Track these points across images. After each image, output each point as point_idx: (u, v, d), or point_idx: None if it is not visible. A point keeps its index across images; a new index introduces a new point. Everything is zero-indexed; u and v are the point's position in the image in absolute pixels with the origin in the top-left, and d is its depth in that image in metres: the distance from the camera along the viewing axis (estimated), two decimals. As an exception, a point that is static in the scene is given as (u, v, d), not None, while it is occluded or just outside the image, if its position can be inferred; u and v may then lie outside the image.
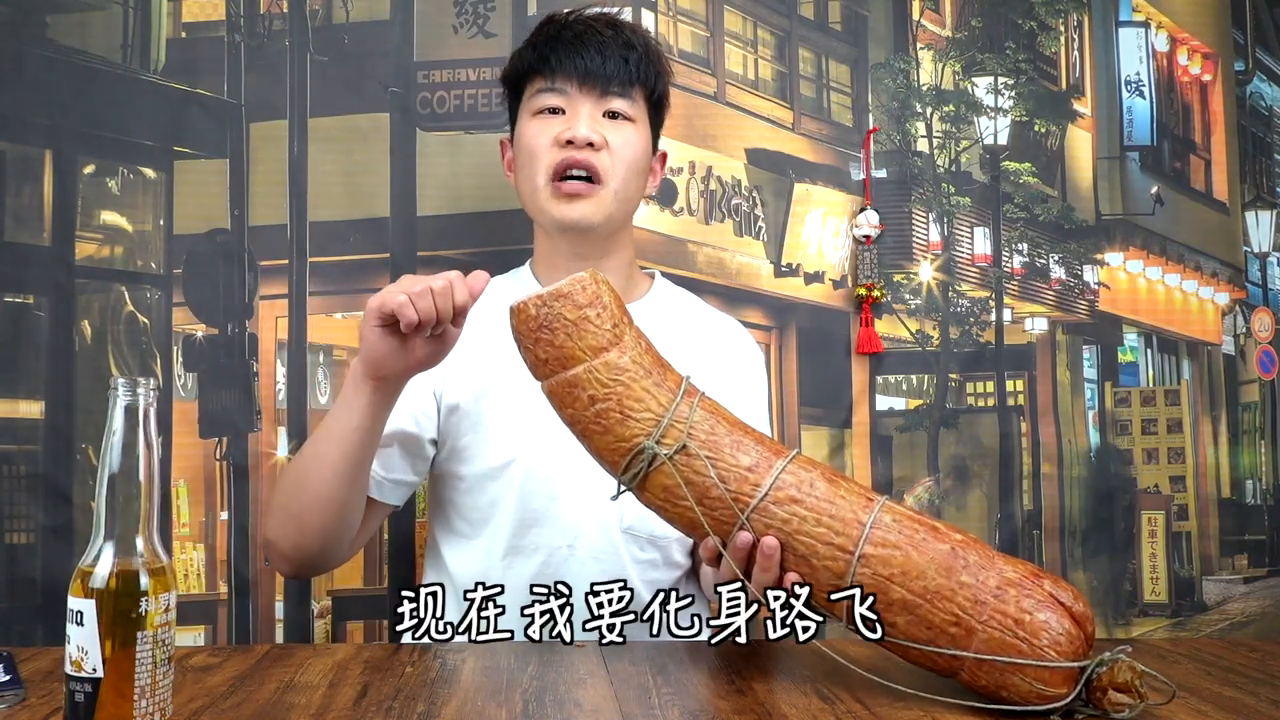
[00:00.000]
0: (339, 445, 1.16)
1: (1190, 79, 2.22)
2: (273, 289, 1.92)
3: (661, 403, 0.96)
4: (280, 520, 1.21)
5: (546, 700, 0.92)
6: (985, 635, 0.89)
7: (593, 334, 0.96)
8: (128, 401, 0.77)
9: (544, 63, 1.29)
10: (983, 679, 0.89)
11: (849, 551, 0.91)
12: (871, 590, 0.91)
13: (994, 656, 0.88)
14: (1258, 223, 2.20)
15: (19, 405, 1.85)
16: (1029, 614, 0.88)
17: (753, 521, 0.93)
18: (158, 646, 0.76)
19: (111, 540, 0.76)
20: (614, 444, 0.96)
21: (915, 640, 0.91)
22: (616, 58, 1.27)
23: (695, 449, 0.94)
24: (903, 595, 0.90)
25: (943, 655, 0.90)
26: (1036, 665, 0.87)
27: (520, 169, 1.31)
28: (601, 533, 1.28)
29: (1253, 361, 2.16)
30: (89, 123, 1.89)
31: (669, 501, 0.96)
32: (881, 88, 2.09)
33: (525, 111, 1.32)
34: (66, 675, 0.75)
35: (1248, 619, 2.09)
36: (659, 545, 1.30)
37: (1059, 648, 0.87)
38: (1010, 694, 0.89)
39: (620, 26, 1.31)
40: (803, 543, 0.93)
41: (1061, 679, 0.88)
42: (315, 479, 1.17)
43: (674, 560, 1.32)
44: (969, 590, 0.90)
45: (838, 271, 2.05)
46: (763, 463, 0.95)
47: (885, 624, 0.91)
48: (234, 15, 1.94)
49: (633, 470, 0.96)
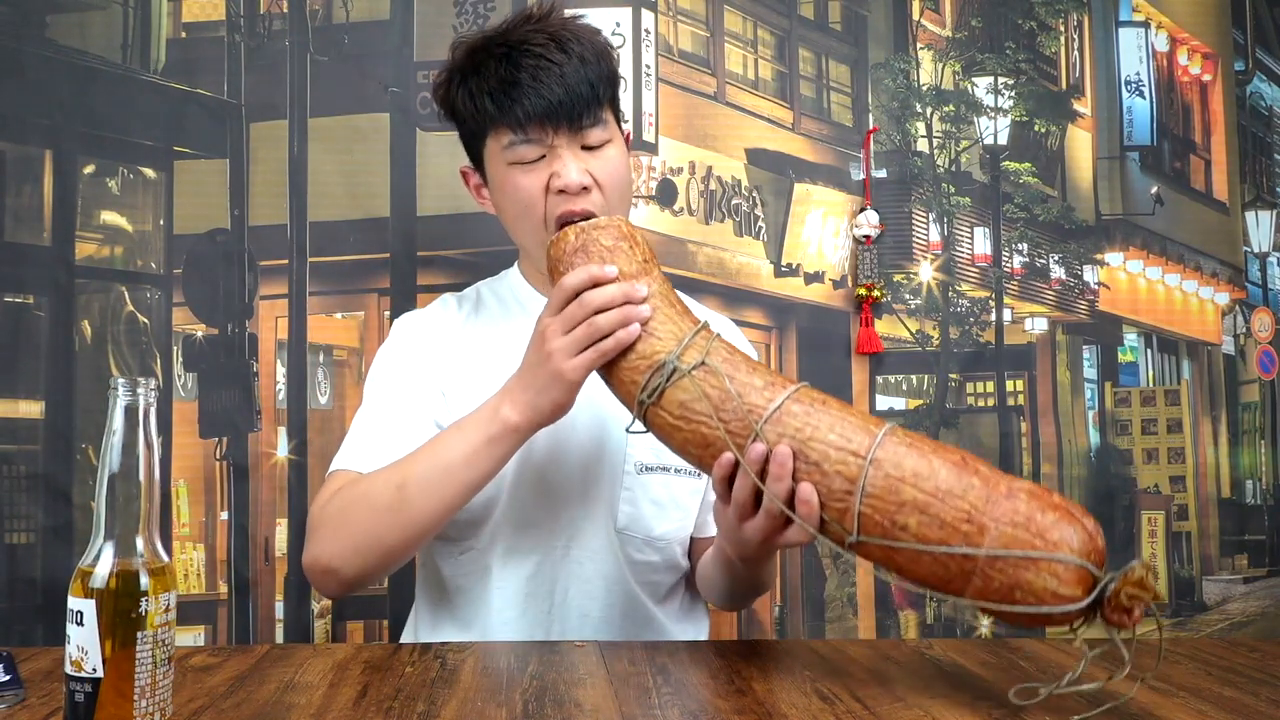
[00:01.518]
0: (468, 490, 1.12)
1: (1190, 79, 2.22)
2: (273, 289, 1.92)
3: (683, 328, 1.02)
4: (354, 548, 1.14)
5: (546, 700, 0.92)
6: (997, 532, 0.88)
7: (624, 260, 1.05)
8: (128, 401, 0.77)
9: (508, 114, 1.19)
10: (996, 581, 0.88)
11: (861, 455, 0.92)
12: (883, 493, 0.91)
13: (1008, 551, 0.87)
14: (1258, 223, 2.20)
15: (19, 405, 1.85)
16: (1040, 513, 0.88)
17: (766, 432, 0.95)
18: (158, 646, 0.76)
19: (111, 540, 0.76)
20: (635, 361, 1.01)
21: (927, 542, 0.90)
22: (580, 85, 1.19)
23: (714, 365, 0.98)
24: (914, 495, 0.90)
25: (956, 558, 0.89)
26: (1050, 559, 0.86)
27: (514, 219, 1.25)
28: (596, 534, 1.27)
29: (1253, 361, 2.16)
30: (89, 123, 1.90)
31: (684, 418, 0.99)
32: (881, 88, 2.09)
33: (498, 161, 1.23)
34: (66, 675, 0.75)
35: (1248, 619, 2.09)
36: (656, 546, 1.29)
37: (1071, 546, 0.87)
38: (1024, 594, 0.87)
39: (567, 43, 1.21)
40: (815, 449, 0.94)
41: (1074, 578, 0.87)
42: (425, 516, 1.12)
43: (673, 562, 1.32)
44: (980, 490, 0.90)
45: (838, 271, 2.05)
46: (777, 384, 0.98)
47: (897, 529, 0.91)
48: (234, 15, 1.94)
49: (652, 386, 1.00)
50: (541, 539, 1.27)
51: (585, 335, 1.03)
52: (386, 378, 1.30)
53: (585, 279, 1.03)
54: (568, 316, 1.04)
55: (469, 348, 1.31)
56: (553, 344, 1.05)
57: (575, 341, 1.03)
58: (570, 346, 1.04)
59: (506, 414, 1.10)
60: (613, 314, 1.02)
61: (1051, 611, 0.87)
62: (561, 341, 1.04)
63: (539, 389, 1.07)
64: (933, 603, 2.03)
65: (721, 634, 1.91)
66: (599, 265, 1.04)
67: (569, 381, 1.05)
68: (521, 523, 1.26)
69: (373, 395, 1.30)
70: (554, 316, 1.05)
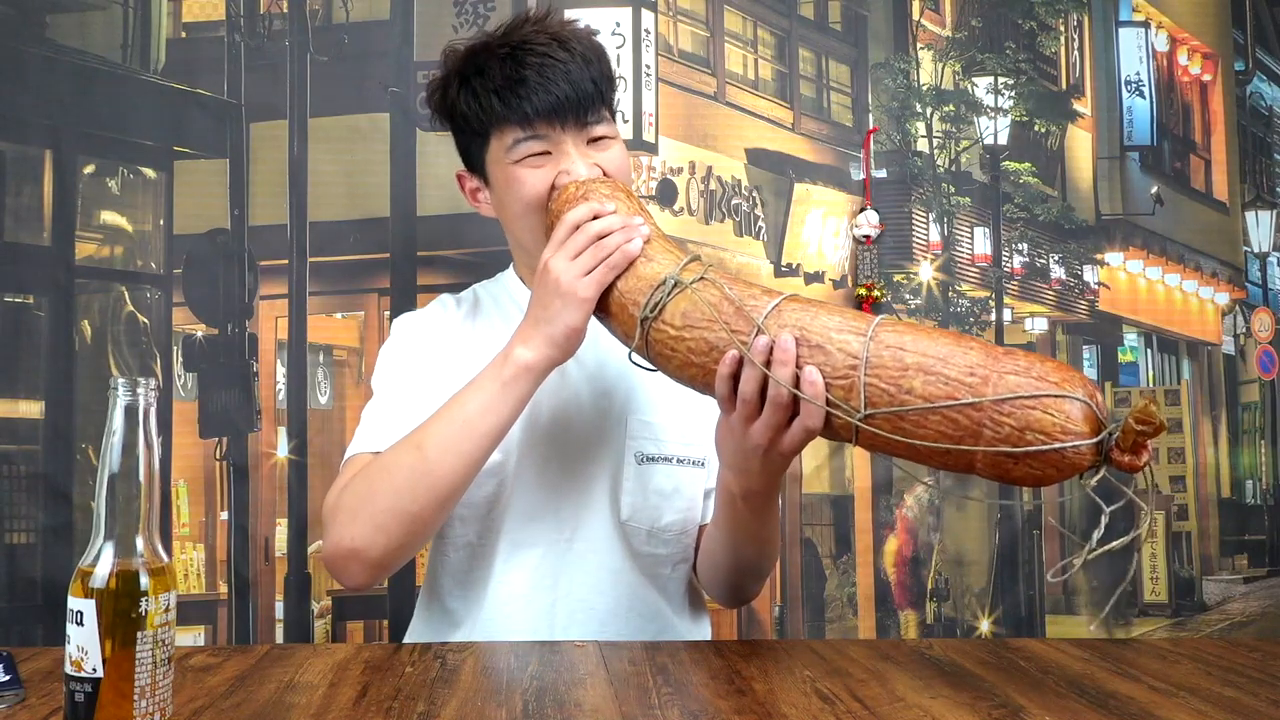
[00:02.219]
0: (489, 439, 1.11)
1: (1190, 79, 2.22)
2: (273, 289, 1.92)
3: (680, 256, 1.08)
4: (380, 524, 1.10)
5: (546, 700, 0.92)
6: (1001, 381, 0.89)
7: (623, 207, 1.11)
8: (128, 401, 0.77)
9: (516, 111, 1.20)
10: (1006, 426, 0.88)
11: (863, 333, 0.95)
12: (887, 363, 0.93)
13: (1015, 395, 0.88)
14: (1258, 223, 2.20)
15: (19, 405, 1.85)
16: (1041, 362, 0.91)
17: (768, 325, 0.99)
18: (158, 646, 0.76)
19: (111, 540, 0.76)
20: (636, 284, 1.06)
21: (934, 399, 0.91)
22: (585, 82, 1.20)
23: (714, 278, 1.02)
24: (917, 359, 0.92)
25: (965, 412, 0.89)
26: (1058, 395, 0.87)
27: (521, 217, 1.25)
28: (600, 526, 1.27)
29: (1253, 361, 2.16)
30: (89, 123, 1.90)
31: (687, 327, 1.02)
32: (881, 88, 2.09)
33: (503, 160, 1.22)
34: (66, 675, 0.75)
35: (1248, 619, 2.09)
36: (662, 539, 1.29)
37: (1073, 384, 0.88)
38: (1035, 434, 0.88)
39: (568, 41, 1.23)
40: (817, 333, 0.97)
41: (1082, 416, 0.88)
42: (449, 475, 1.10)
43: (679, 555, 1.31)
44: (980, 352, 0.92)
45: (838, 271, 2.05)
46: (771, 291, 1.03)
47: (904, 393, 0.92)
48: (234, 15, 1.94)
49: (654, 300, 1.03)
50: (544, 532, 1.27)
51: (593, 256, 1.07)
52: (394, 369, 1.31)
53: (586, 212, 1.09)
54: (572, 245, 1.08)
55: (468, 348, 1.31)
56: (559, 270, 1.08)
57: (584, 263, 1.07)
58: (579, 268, 1.07)
59: (519, 353, 1.11)
60: (616, 234, 1.07)
61: (1064, 448, 0.88)
62: (568, 265, 1.08)
63: (550, 319, 1.09)
64: (933, 601, 2.03)
65: (721, 634, 1.91)
66: (599, 202, 1.11)
67: (581, 299, 1.07)
68: (524, 516, 1.26)
69: (381, 386, 1.30)
70: (557, 250, 1.09)
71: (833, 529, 2.01)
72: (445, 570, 1.30)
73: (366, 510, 1.12)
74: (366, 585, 1.16)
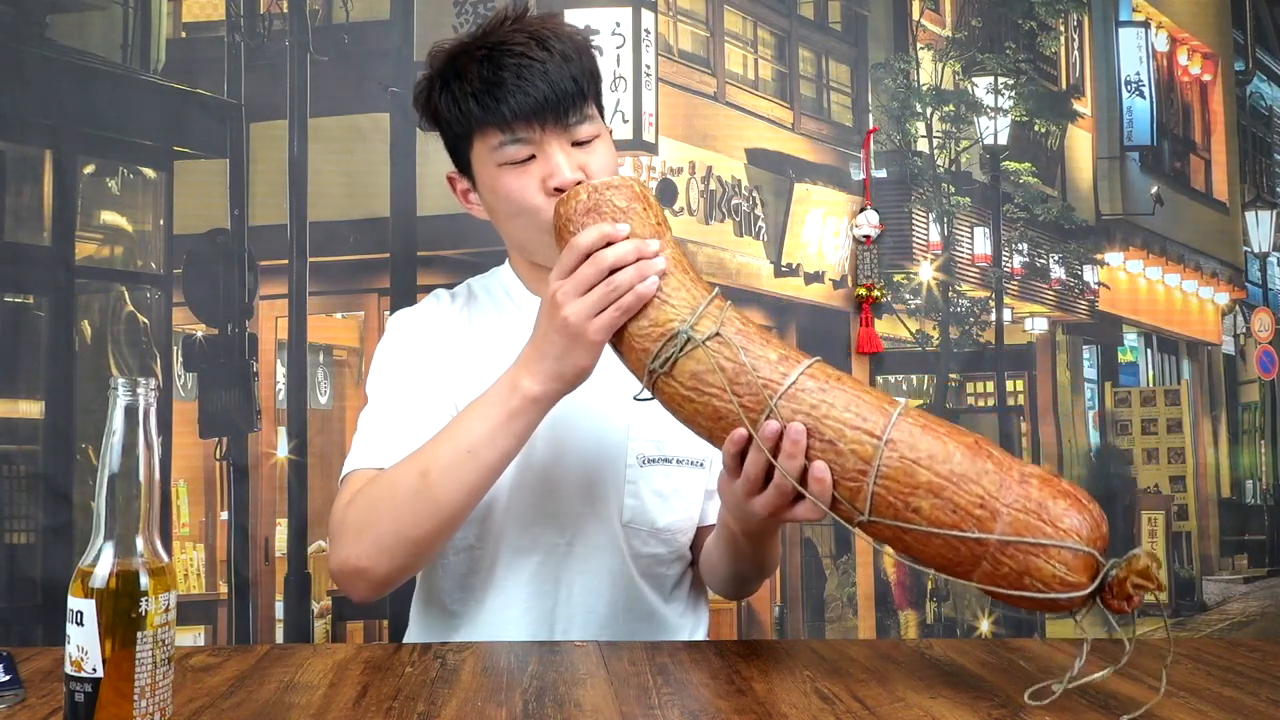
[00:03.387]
0: (493, 470, 1.10)
1: (1190, 79, 2.22)
2: (273, 289, 1.92)
3: (696, 296, 0.99)
4: (382, 545, 1.11)
5: (546, 700, 0.92)
6: (1010, 518, 0.88)
7: (638, 223, 1.01)
8: (128, 401, 0.77)
9: (495, 115, 1.18)
10: (1005, 566, 0.88)
11: (877, 435, 0.91)
12: (897, 475, 0.90)
13: (1020, 538, 0.87)
14: (1258, 223, 2.20)
15: (19, 405, 1.85)
16: (1052, 500, 0.88)
17: (780, 408, 0.94)
18: (158, 646, 0.76)
19: (111, 540, 0.76)
20: (648, 328, 0.98)
21: (940, 525, 0.89)
22: (564, 81, 1.18)
23: (729, 336, 0.96)
24: (929, 478, 0.90)
25: (966, 542, 0.89)
26: (1061, 546, 0.86)
27: (508, 219, 1.25)
28: (600, 529, 1.27)
29: (1253, 361, 2.16)
30: (89, 123, 1.90)
31: (696, 389, 0.97)
32: (881, 88, 2.09)
33: (487, 163, 1.22)
34: (66, 675, 0.75)
35: (1248, 619, 2.09)
36: (662, 538, 1.29)
37: (1080, 534, 0.87)
38: (1032, 580, 0.88)
39: (547, 40, 1.20)
40: (831, 427, 0.93)
41: (1081, 565, 0.87)
42: (452, 503, 1.10)
43: (679, 553, 1.31)
44: (993, 475, 0.89)
45: (838, 271, 2.05)
46: (791, 357, 0.96)
47: (910, 511, 0.90)
48: (234, 15, 1.94)
49: (665, 355, 0.97)
50: (544, 536, 1.27)
51: (604, 295, 0.98)
52: (391, 373, 1.30)
53: (597, 238, 0.99)
54: (581, 278, 0.99)
55: (466, 339, 1.31)
56: (569, 307, 1.00)
57: (594, 303, 0.99)
58: (589, 308, 0.99)
59: (526, 386, 1.06)
60: (629, 270, 0.98)
61: (1058, 598, 0.87)
62: (578, 304, 1.00)
63: (558, 355, 1.04)
64: (933, 601, 2.03)
65: (721, 634, 1.91)
66: (610, 224, 1.00)
67: (591, 343, 1.01)
68: (524, 520, 1.26)
69: (379, 391, 1.29)
70: (565, 278, 1.01)
71: (833, 529, 2.01)
72: (444, 573, 1.30)
73: (371, 532, 1.12)
74: (371, 600, 1.17)
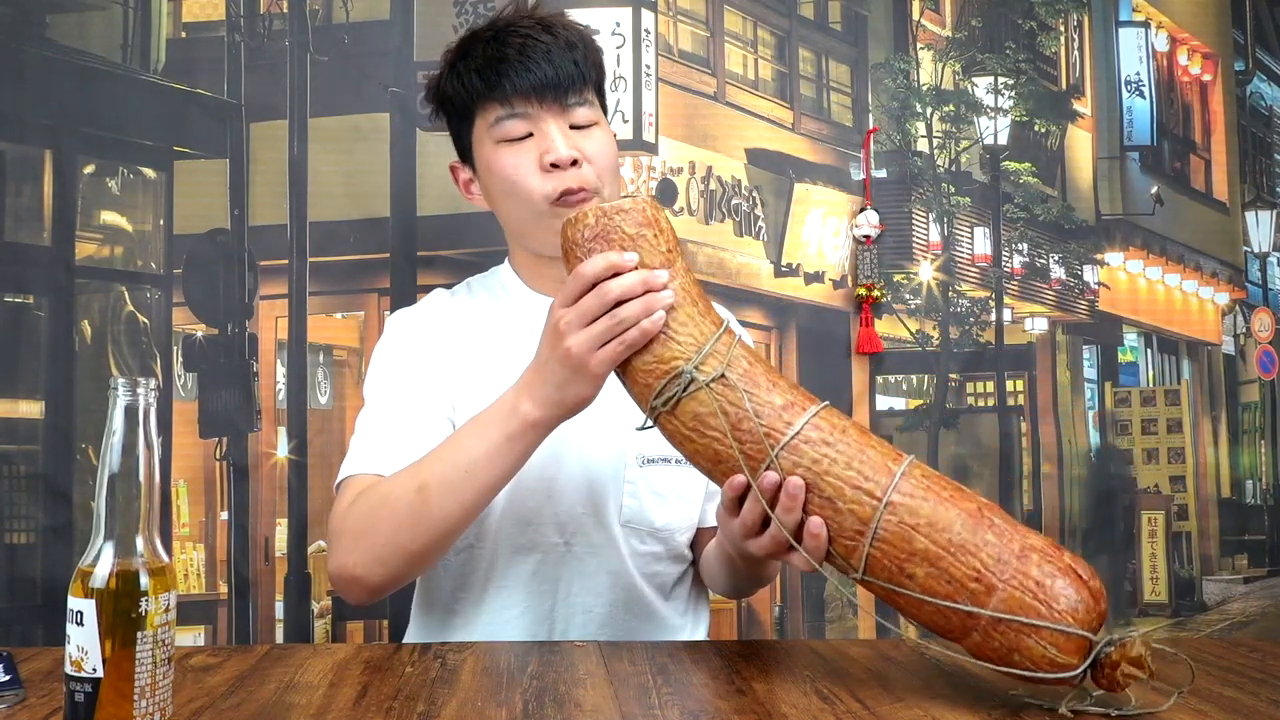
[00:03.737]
0: (491, 489, 1.10)
1: (1190, 79, 2.22)
2: (273, 289, 1.92)
3: (704, 331, 0.96)
4: (378, 556, 1.12)
5: (546, 700, 0.92)
6: (1005, 594, 0.87)
7: (647, 251, 0.97)
8: (128, 401, 0.77)
9: (496, 89, 1.21)
10: (995, 640, 0.88)
11: (876, 497, 0.90)
12: (895, 540, 0.89)
13: (1013, 616, 0.87)
14: (1258, 223, 2.20)
15: (19, 405, 1.85)
16: (1050, 578, 0.87)
17: (781, 460, 0.92)
18: (158, 646, 0.76)
19: (111, 540, 0.76)
20: (652, 364, 0.96)
21: (933, 595, 0.89)
22: (566, 63, 1.21)
23: (733, 380, 0.93)
24: (926, 546, 0.89)
25: (958, 612, 0.88)
26: (1054, 629, 0.86)
27: (504, 198, 1.26)
28: (599, 529, 1.27)
29: (1253, 361, 2.17)
30: (89, 123, 1.90)
31: (697, 430, 0.95)
32: (881, 88, 2.09)
33: (486, 140, 1.25)
34: (66, 675, 0.75)
35: (1248, 619, 2.09)
36: (660, 538, 1.29)
37: (1076, 615, 0.86)
38: (1022, 658, 0.87)
39: (553, 26, 1.25)
40: (830, 484, 0.91)
41: (1074, 648, 0.86)
42: (449, 519, 1.10)
43: (678, 553, 1.31)
44: (993, 548, 0.88)
45: (838, 271, 2.05)
46: (796, 404, 0.94)
47: (904, 576, 0.89)
48: (234, 15, 1.94)
49: (667, 394, 0.95)
50: (543, 535, 1.27)
51: (608, 328, 0.96)
52: (389, 376, 1.30)
53: (604, 267, 0.96)
54: (585, 309, 0.97)
55: (466, 333, 1.31)
56: (572, 339, 0.98)
57: (597, 336, 0.97)
58: (592, 341, 0.97)
59: (526, 410, 1.05)
60: (635, 304, 0.95)
61: (1045, 677, 0.87)
62: (581, 336, 0.97)
63: (559, 384, 1.02)
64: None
65: (721, 634, 1.91)
66: (618, 253, 0.96)
67: (593, 376, 1.00)
68: (522, 520, 1.26)
69: (376, 395, 1.29)
70: (569, 307, 0.98)
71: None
72: (444, 573, 1.30)
73: (367, 541, 1.12)
74: (368, 604, 1.18)
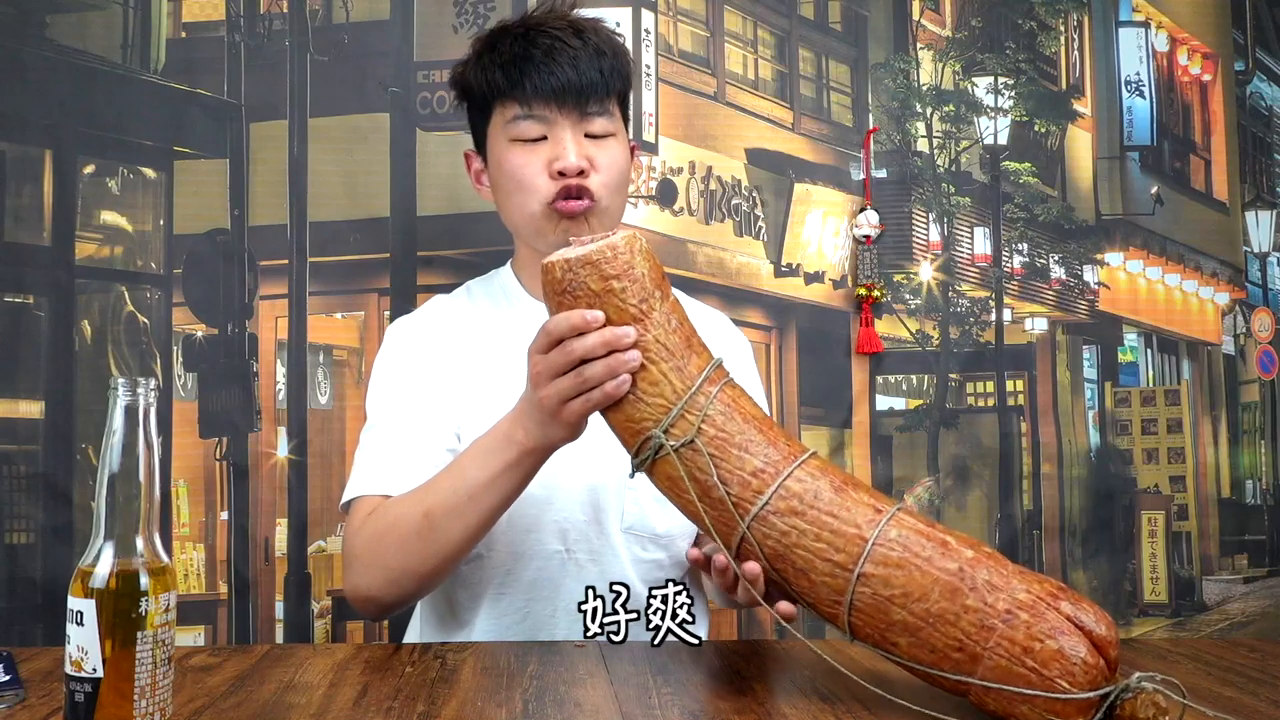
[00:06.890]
0: (494, 512, 1.12)
1: (1190, 79, 2.22)
2: (273, 289, 1.92)
3: (677, 389, 0.93)
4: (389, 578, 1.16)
5: (546, 700, 0.92)
6: (991, 662, 0.84)
7: (616, 308, 0.93)
8: (128, 401, 0.77)
9: (517, 87, 1.21)
10: (990, 704, 0.86)
11: (848, 570, 0.88)
12: (871, 611, 0.88)
13: (1000, 685, 0.84)
14: (1258, 223, 2.20)
15: (19, 405, 1.85)
16: (1039, 641, 0.83)
17: (752, 530, 0.91)
18: (158, 646, 0.76)
19: (111, 540, 0.76)
20: (625, 423, 0.96)
21: (919, 662, 0.88)
22: (591, 71, 1.21)
23: (701, 445, 0.91)
24: (904, 617, 0.87)
25: (947, 679, 0.87)
26: (1045, 696, 0.83)
27: (508, 196, 1.26)
28: (600, 536, 1.27)
29: (1253, 361, 2.17)
30: (89, 123, 1.89)
31: (672, 491, 0.95)
32: (881, 88, 2.09)
33: (500, 136, 1.25)
34: (66, 675, 0.75)
35: (1248, 619, 2.09)
36: (661, 544, 1.29)
37: (1071, 678, 0.83)
38: None
39: (584, 31, 1.24)
40: (801, 557, 0.90)
41: (1076, 709, 0.83)
42: (454, 542, 1.13)
43: (678, 558, 1.31)
44: (974, 615, 0.85)
45: (838, 271, 2.05)
46: (769, 468, 0.91)
47: (887, 644, 0.89)
48: (234, 15, 1.94)
49: (641, 456, 0.95)
50: (544, 543, 1.27)
51: (573, 385, 0.96)
52: (391, 390, 1.29)
53: (567, 328, 0.95)
54: (553, 364, 0.97)
55: (466, 336, 1.31)
56: (544, 389, 0.99)
57: (565, 390, 0.97)
58: (560, 395, 0.98)
59: (520, 439, 1.07)
60: (598, 366, 0.94)
61: None
62: (551, 389, 0.99)
63: (540, 423, 1.04)
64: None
65: (721, 634, 1.91)
66: (580, 314, 0.94)
67: (566, 423, 1.01)
68: (523, 527, 1.26)
69: (379, 410, 1.29)
70: (542, 356, 0.99)
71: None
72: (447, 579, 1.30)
73: (379, 564, 1.16)
74: (383, 619, 1.22)
